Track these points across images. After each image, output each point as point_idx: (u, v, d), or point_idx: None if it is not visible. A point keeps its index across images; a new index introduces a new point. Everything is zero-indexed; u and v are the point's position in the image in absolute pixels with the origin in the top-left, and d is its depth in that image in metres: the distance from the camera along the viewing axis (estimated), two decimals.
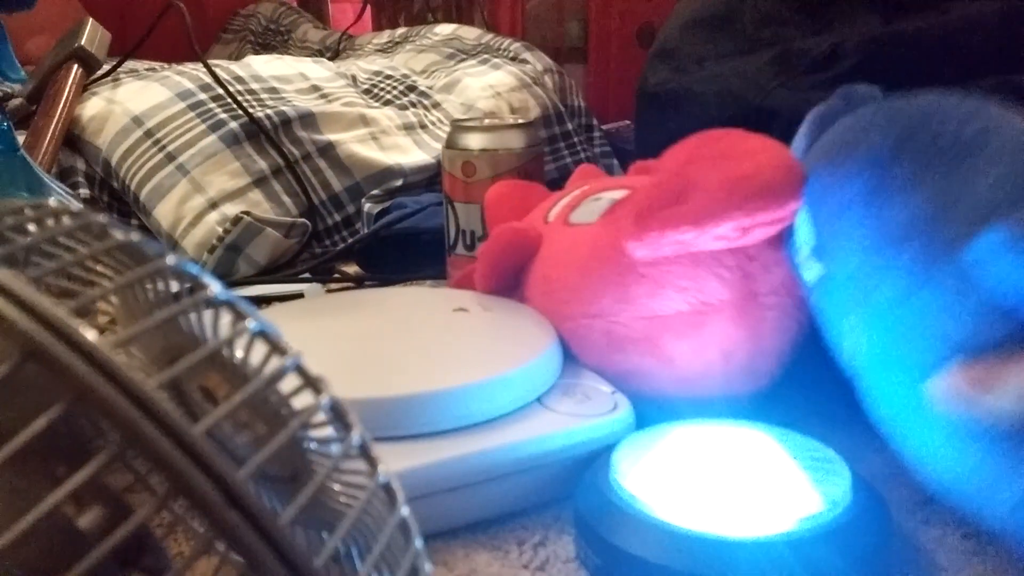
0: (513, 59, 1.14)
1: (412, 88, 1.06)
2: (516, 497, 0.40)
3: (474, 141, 0.66)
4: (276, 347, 0.21)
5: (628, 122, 1.19)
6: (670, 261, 0.43)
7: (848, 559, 0.32)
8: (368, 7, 1.87)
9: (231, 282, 0.75)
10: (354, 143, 0.91)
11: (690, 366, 0.44)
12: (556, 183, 0.65)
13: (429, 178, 0.92)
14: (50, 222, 0.22)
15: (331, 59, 1.30)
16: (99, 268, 0.22)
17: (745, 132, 0.42)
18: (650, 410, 0.44)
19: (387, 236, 0.80)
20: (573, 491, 0.39)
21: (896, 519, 0.40)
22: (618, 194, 0.50)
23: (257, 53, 1.43)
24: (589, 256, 0.47)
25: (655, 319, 0.44)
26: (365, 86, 1.04)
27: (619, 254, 0.44)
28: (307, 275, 0.79)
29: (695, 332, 0.44)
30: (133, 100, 0.88)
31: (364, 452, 0.22)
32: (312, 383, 0.22)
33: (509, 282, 0.53)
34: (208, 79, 0.89)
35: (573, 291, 0.47)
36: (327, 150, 0.89)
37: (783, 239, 0.42)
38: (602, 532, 0.35)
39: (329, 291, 0.73)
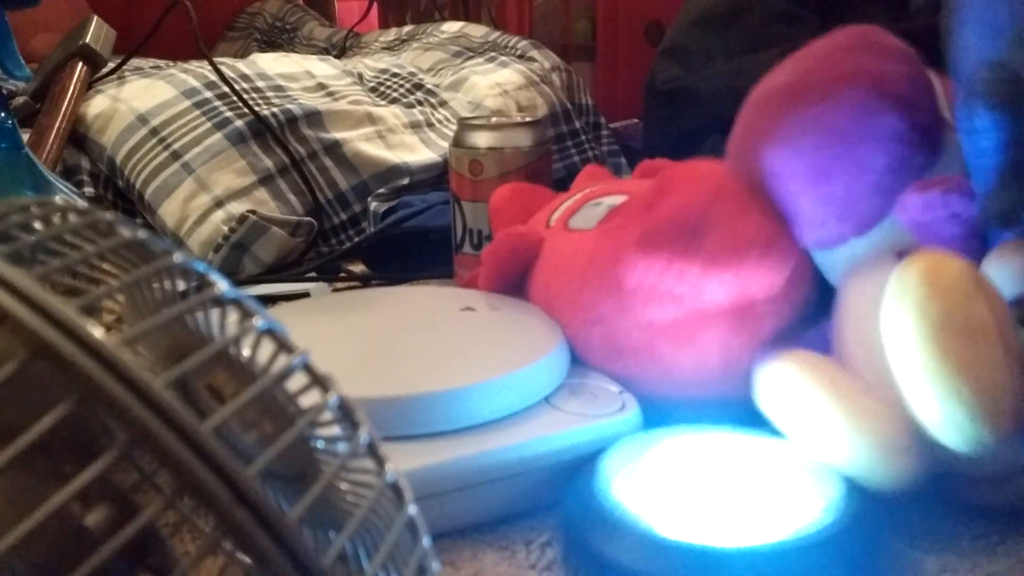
0: (520, 57, 1.14)
1: (419, 86, 1.06)
2: (523, 497, 0.40)
3: (481, 139, 0.65)
4: (283, 345, 0.21)
5: (636, 120, 1.19)
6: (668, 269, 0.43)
7: (842, 569, 0.32)
8: (375, 5, 1.87)
9: (237, 281, 0.75)
10: (360, 141, 0.90)
11: (689, 373, 0.44)
12: (564, 182, 0.65)
13: (436, 176, 0.92)
14: (56, 220, 0.22)
15: (337, 57, 1.30)
16: (106, 266, 0.22)
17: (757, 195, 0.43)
18: (659, 410, 0.44)
19: (394, 235, 0.79)
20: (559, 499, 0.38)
21: (896, 524, 0.39)
22: (617, 200, 0.50)
23: (263, 51, 1.43)
24: (587, 264, 0.46)
25: (653, 327, 0.44)
26: (371, 84, 1.04)
27: (616, 263, 0.44)
28: (313, 274, 0.79)
29: (693, 340, 0.44)
30: (138, 98, 0.88)
31: (372, 451, 0.22)
32: (320, 381, 0.22)
33: (512, 286, 0.53)
34: (214, 77, 0.89)
35: (572, 298, 0.47)
36: (333, 148, 0.89)
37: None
38: (588, 542, 0.34)
39: (335, 290, 0.73)
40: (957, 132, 0.42)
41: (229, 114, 0.86)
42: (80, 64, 0.92)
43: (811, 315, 0.46)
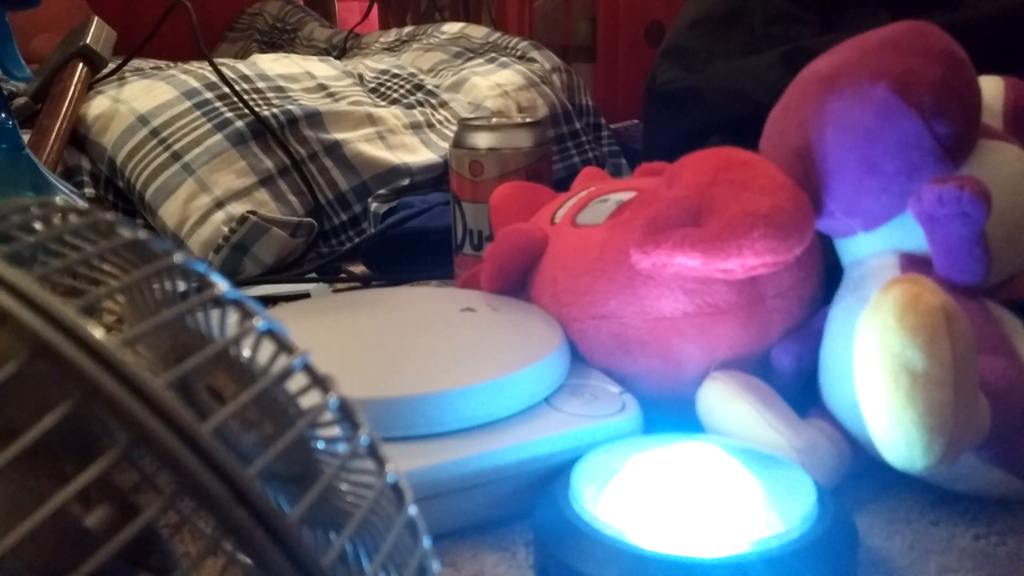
0: (521, 58, 1.14)
1: (419, 87, 1.06)
2: (524, 498, 0.40)
3: (482, 140, 0.65)
4: (284, 346, 0.21)
5: (636, 121, 1.19)
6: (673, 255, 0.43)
7: None
8: (375, 5, 1.87)
9: (237, 282, 0.75)
10: (361, 142, 0.90)
11: (698, 368, 0.44)
12: (564, 183, 0.65)
13: (436, 177, 0.92)
14: (57, 220, 0.22)
15: (338, 58, 1.30)
16: (106, 267, 0.22)
17: (767, 163, 0.43)
18: (659, 411, 0.44)
19: (394, 236, 0.79)
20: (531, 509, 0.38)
21: (896, 525, 0.39)
22: (625, 196, 0.50)
23: (263, 52, 1.43)
24: (597, 258, 0.46)
25: (663, 321, 0.44)
26: (372, 85, 1.04)
27: (627, 256, 0.44)
28: (314, 275, 0.79)
29: (703, 334, 0.44)
30: (139, 99, 0.88)
31: (372, 451, 0.22)
32: (320, 382, 0.22)
33: (516, 283, 0.53)
34: (214, 78, 0.89)
35: (582, 293, 0.47)
36: (334, 149, 0.89)
37: None
38: (560, 553, 0.33)
39: (336, 291, 0.73)
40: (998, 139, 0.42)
41: (229, 115, 0.86)
42: (80, 65, 0.92)
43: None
